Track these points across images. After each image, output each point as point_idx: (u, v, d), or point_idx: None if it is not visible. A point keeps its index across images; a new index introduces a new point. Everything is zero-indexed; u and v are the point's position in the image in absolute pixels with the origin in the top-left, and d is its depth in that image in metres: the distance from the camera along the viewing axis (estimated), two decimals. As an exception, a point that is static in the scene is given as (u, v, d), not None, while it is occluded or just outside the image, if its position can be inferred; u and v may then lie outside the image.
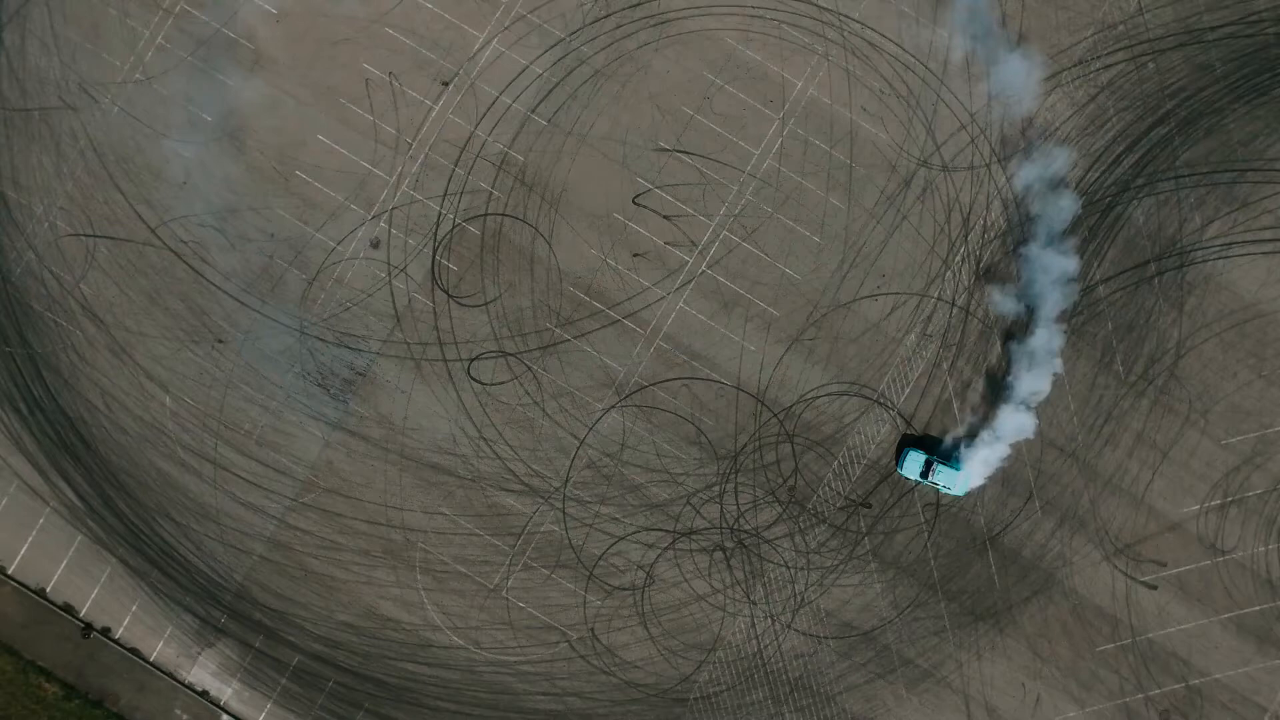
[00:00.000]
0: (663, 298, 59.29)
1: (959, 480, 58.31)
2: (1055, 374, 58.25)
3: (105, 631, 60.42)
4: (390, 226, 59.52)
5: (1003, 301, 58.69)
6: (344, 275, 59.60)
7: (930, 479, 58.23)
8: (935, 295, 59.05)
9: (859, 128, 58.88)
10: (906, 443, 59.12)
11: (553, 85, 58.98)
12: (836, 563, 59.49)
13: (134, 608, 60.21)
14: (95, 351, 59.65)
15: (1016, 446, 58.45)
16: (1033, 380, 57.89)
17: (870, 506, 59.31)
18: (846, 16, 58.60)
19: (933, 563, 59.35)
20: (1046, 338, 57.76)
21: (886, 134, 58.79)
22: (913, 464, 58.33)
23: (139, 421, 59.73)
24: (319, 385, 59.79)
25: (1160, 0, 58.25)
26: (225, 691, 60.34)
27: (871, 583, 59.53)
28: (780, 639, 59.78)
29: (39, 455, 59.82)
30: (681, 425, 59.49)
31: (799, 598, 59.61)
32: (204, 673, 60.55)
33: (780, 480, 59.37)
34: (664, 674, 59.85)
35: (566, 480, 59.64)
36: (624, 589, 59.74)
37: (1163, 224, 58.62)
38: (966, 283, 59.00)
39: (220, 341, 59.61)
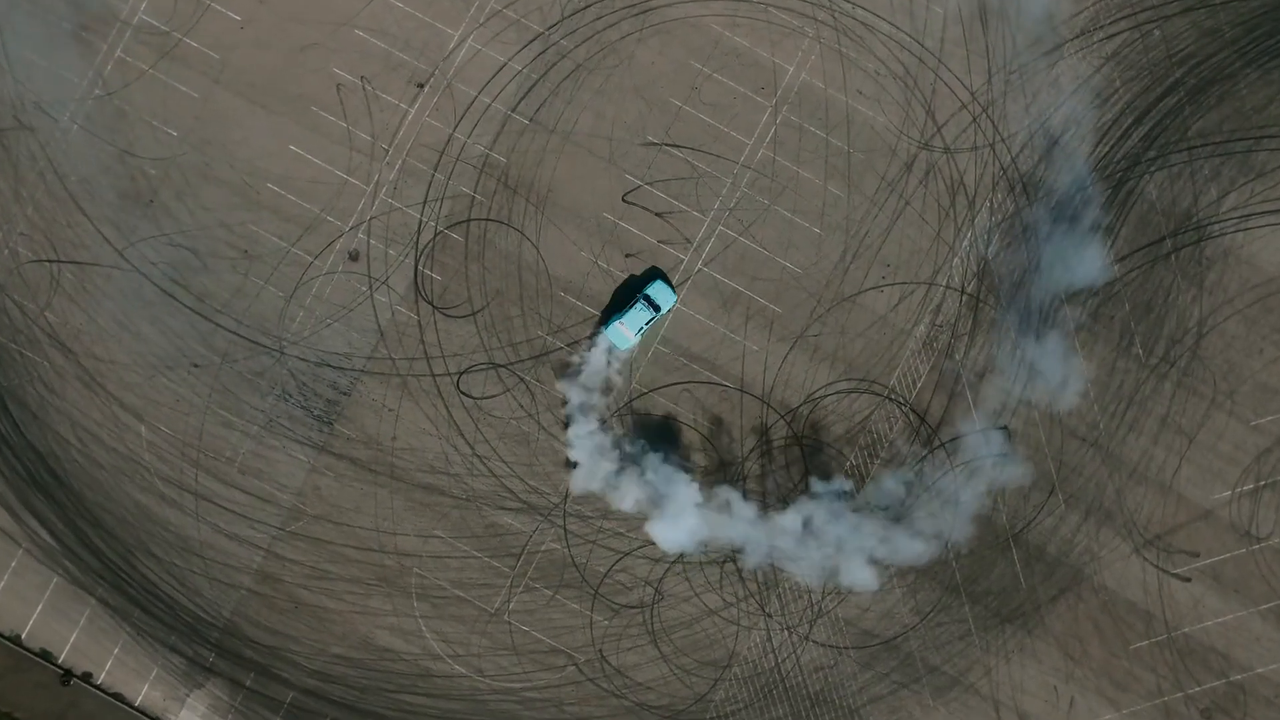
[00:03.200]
0: (658, 299, 58.06)
1: (627, 330, 56.43)
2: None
3: (86, 677, 58.96)
4: (369, 237, 58.11)
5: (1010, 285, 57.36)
6: (323, 291, 58.14)
7: (630, 314, 56.52)
8: (944, 283, 57.71)
9: (855, 112, 57.53)
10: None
11: (533, 82, 57.66)
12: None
13: (116, 650, 58.68)
14: (64, 382, 58.04)
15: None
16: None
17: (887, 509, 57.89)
18: (837, -4, 57.44)
19: (954, 564, 57.94)
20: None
21: (884, 117, 57.50)
22: (663, 292, 56.88)
23: (114, 454, 58.23)
24: (302, 407, 58.35)
25: (1163, -36, 56.99)
26: (216, 734, 59.00)
27: (891, 588, 58.06)
28: (798, 651, 58.45)
29: (8, 494, 58.23)
30: (684, 432, 58.35)
31: (816, 607, 58.28)
32: (193, 715, 59.14)
33: (790, 485, 57.85)
34: (678, 694, 58.48)
35: (566, 496, 58.32)
36: (632, 607, 58.38)
37: (1177, 198, 57.41)
38: (975, 268, 57.68)
39: (196, 366, 58.09)
